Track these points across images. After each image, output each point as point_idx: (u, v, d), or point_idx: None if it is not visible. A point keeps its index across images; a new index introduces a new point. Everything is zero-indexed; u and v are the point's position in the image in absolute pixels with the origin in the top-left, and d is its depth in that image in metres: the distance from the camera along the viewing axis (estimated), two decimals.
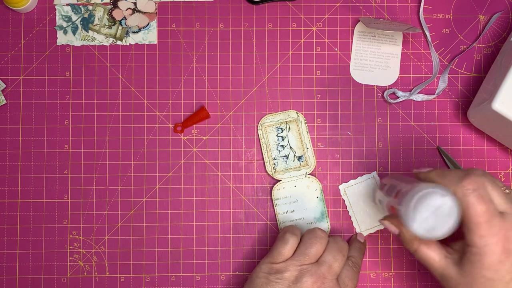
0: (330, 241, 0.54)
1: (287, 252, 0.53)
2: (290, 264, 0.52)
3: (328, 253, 0.53)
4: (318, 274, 0.51)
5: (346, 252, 0.55)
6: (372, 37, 0.64)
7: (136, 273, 0.61)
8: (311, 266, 0.52)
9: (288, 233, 0.54)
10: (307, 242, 0.53)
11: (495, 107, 0.54)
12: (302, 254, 0.53)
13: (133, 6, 0.64)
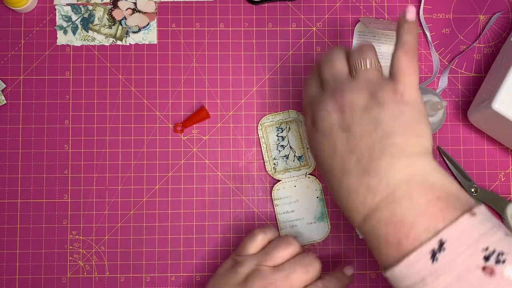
0: (300, 254, 0.52)
1: (251, 249, 0.53)
2: (249, 259, 0.51)
3: (290, 263, 0.51)
4: (270, 279, 0.49)
5: (313, 270, 0.51)
6: (372, 37, 0.64)
7: (136, 273, 0.61)
8: (267, 269, 0.50)
9: (258, 230, 0.54)
10: (274, 244, 0.52)
11: (495, 107, 0.54)
12: (264, 254, 0.51)
13: (133, 6, 0.64)
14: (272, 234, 0.54)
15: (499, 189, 0.62)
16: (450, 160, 0.62)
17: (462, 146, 0.63)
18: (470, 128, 0.63)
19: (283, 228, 0.61)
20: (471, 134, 0.63)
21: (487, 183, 0.62)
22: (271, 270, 0.50)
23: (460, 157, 0.63)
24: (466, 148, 0.63)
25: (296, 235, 0.61)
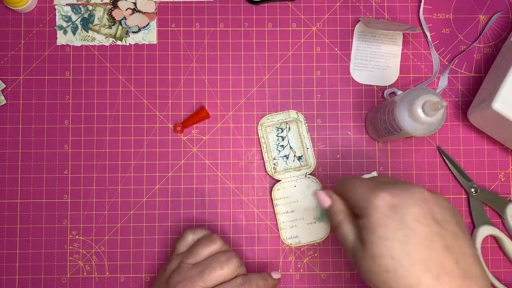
0: (220, 252, 0.53)
1: (181, 248, 0.54)
2: (175, 258, 0.53)
3: (207, 260, 0.52)
4: (187, 276, 0.50)
5: (229, 267, 0.51)
6: (372, 37, 0.64)
7: (136, 273, 0.61)
8: (186, 266, 0.52)
9: (189, 230, 0.55)
10: (197, 242, 0.54)
11: (495, 107, 0.54)
12: (187, 252, 0.53)
13: (133, 6, 0.64)
14: (200, 234, 0.56)
15: (499, 189, 0.62)
16: (450, 160, 0.62)
17: (462, 146, 0.63)
18: (470, 128, 0.63)
19: (283, 228, 0.61)
20: (471, 134, 0.63)
21: (487, 183, 0.62)
22: (189, 266, 0.51)
23: (460, 157, 0.63)
24: (466, 148, 0.63)
25: (296, 235, 0.61)
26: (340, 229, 0.46)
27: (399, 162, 0.62)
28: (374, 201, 0.42)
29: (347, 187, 0.46)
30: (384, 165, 0.62)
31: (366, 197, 0.43)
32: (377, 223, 0.41)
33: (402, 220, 0.41)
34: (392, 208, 0.41)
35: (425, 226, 0.41)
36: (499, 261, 0.62)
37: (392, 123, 0.53)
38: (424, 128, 0.52)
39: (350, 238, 0.45)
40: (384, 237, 0.41)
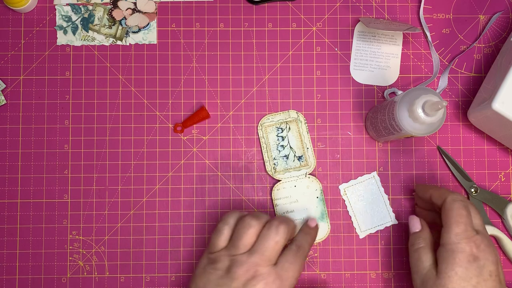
0: (265, 228, 0.53)
1: (221, 243, 0.53)
2: (223, 254, 0.52)
3: (260, 242, 0.52)
4: (249, 263, 0.51)
5: (282, 237, 0.52)
6: (372, 37, 0.64)
7: (136, 273, 0.61)
8: (242, 256, 0.51)
9: (221, 222, 0.54)
10: (237, 234, 0.53)
11: (495, 107, 0.54)
12: (233, 246, 0.52)
13: (133, 6, 0.64)
14: (234, 221, 0.54)
15: (499, 189, 0.62)
16: (450, 160, 0.62)
17: (462, 146, 0.63)
18: (470, 128, 0.63)
19: None
20: (471, 134, 0.63)
21: (487, 183, 0.62)
22: (246, 255, 0.51)
23: (460, 157, 0.63)
24: (466, 148, 0.63)
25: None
26: (419, 254, 0.53)
27: (399, 162, 0.63)
28: (464, 245, 0.49)
29: (455, 207, 0.51)
30: (384, 165, 0.63)
31: (460, 236, 0.50)
32: (459, 263, 0.49)
33: (479, 269, 0.49)
34: (475, 258, 0.49)
35: (493, 282, 0.49)
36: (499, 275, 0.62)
37: (392, 123, 0.53)
38: (424, 128, 0.52)
39: (425, 264, 0.52)
40: (462, 277, 0.49)
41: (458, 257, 0.49)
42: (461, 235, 0.50)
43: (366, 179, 0.62)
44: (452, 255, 0.49)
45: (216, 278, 0.51)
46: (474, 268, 0.49)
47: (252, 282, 0.50)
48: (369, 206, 0.62)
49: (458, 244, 0.50)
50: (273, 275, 0.51)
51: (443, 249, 0.50)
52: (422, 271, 0.52)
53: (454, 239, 0.50)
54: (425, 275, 0.51)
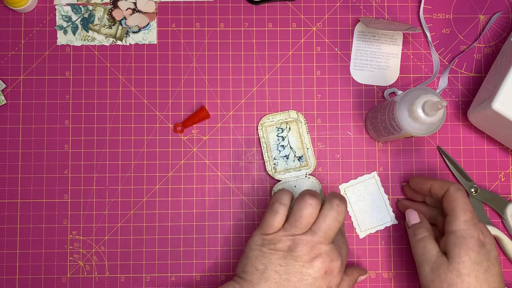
0: (325, 207, 0.53)
1: (277, 223, 0.53)
2: (282, 235, 0.52)
3: (323, 221, 0.52)
4: (313, 241, 0.51)
5: (342, 216, 0.53)
6: (372, 37, 0.64)
7: (136, 273, 0.61)
8: (305, 236, 0.51)
9: (277, 203, 0.53)
10: (297, 213, 0.52)
11: (495, 107, 0.54)
12: (293, 226, 0.52)
13: (133, 6, 0.64)
14: (288, 199, 0.54)
15: (499, 189, 0.62)
16: (450, 160, 0.62)
17: (462, 146, 0.63)
18: (470, 128, 0.63)
19: None
20: (471, 134, 0.63)
21: (487, 183, 0.62)
22: (309, 235, 0.51)
23: (460, 157, 0.63)
24: (466, 148, 0.63)
25: None
26: (424, 243, 0.54)
27: (399, 162, 0.63)
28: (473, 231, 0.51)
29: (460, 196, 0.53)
30: (384, 165, 0.63)
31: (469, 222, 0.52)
32: (472, 248, 0.51)
33: (488, 254, 0.51)
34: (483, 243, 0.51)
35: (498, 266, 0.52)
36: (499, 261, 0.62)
37: (392, 123, 0.53)
38: (424, 128, 0.52)
39: (433, 252, 0.53)
40: (475, 261, 0.50)
41: (471, 242, 0.51)
42: (469, 222, 0.52)
43: (366, 179, 0.62)
44: (464, 241, 0.51)
45: (278, 258, 0.51)
46: (484, 253, 0.51)
47: (317, 260, 0.51)
48: (369, 206, 0.62)
49: (468, 230, 0.51)
50: (335, 252, 0.52)
51: (453, 236, 0.52)
52: (431, 259, 0.52)
53: (463, 225, 0.52)
54: (434, 262, 0.52)
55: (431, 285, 0.52)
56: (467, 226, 0.52)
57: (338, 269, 0.52)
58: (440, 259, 0.52)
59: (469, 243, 0.51)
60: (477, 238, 0.51)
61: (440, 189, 0.55)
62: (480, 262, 0.50)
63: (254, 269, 0.51)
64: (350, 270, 0.58)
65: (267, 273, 0.51)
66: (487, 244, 0.52)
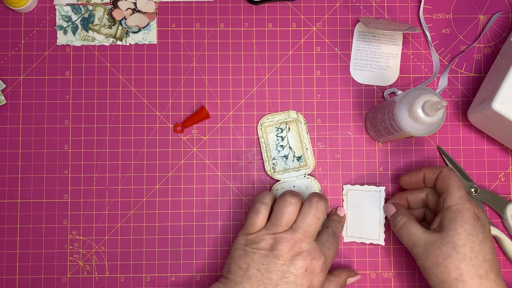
0: (305, 205, 0.54)
1: (259, 223, 0.54)
2: (264, 234, 0.53)
3: (302, 219, 0.53)
4: (294, 239, 0.52)
5: (322, 213, 0.54)
6: (372, 37, 0.64)
7: (136, 273, 0.61)
8: (286, 233, 0.52)
9: (258, 203, 0.55)
10: (278, 212, 0.53)
11: (495, 107, 0.54)
12: (274, 224, 0.53)
13: (133, 6, 0.64)
14: (270, 199, 0.55)
15: (499, 189, 0.62)
16: (450, 160, 0.62)
17: (462, 146, 0.63)
18: (470, 128, 0.63)
19: None
20: (471, 134, 0.63)
21: (487, 183, 0.62)
22: (290, 232, 0.53)
23: (460, 157, 0.63)
24: (466, 148, 0.63)
25: None
26: (407, 228, 0.54)
27: (399, 162, 0.62)
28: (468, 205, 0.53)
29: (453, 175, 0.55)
30: (384, 165, 0.62)
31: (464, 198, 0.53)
32: (467, 220, 0.51)
33: (483, 227, 0.52)
34: (478, 217, 0.52)
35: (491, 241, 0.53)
36: (499, 261, 0.62)
37: (392, 123, 0.53)
38: (424, 128, 0.52)
39: (419, 233, 0.53)
40: (470, 233, 0.51)
41: (466, 215, 0.52)
42: (464, 198, 0.53)
43: (372, 190, 0.61)
44: (460, 214, 0.52)
45: (260, 257, 0.52)
46: (479, 226, 0.52)
47: (298, 258, 0.52)
48: (364, 216, 0.61)
49: (463, 205, 0.52)
50: (317, 250, 0.53)
51: (449, 211, 0.53)
52: (420, 240, 0.53)
53: (459, 200, 0.53)
54: (424, 241, 0.53)
55: (427, 263, 0.52)
56: (462, 201, 0.53)
57: (320, 267, 0.53)
58: (429, 237, 0.52)
59: (464, 216, 0.52)
60: (472, 212, 0.52)
61: (434, 173, 0.56)
62: (475, 234, 0.51)
63: (237, 268, 0.53)
64: (338, 271, 0.59)
65: (250, 272, 0.52)
66: (481, 218, 0.53)
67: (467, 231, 0.51)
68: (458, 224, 0.51)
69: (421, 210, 0.59)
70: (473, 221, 0.52)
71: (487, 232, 0.52)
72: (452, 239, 0.51)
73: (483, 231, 0.52)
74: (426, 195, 0.58)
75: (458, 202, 0.53)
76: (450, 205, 0.53)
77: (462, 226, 0.51)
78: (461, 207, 0.52)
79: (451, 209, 0.53)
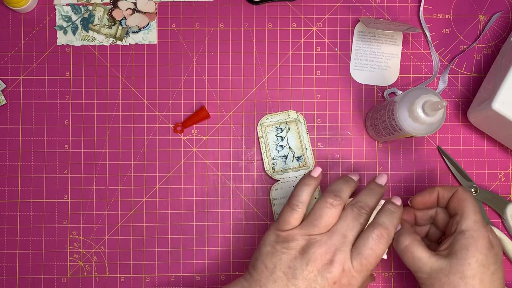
0: (347, 208, 0.50)
1: (294, 221, 0.50)
2: (297, 233, 0.49)
3: (343, 222, 0.49)
4: (328, 244, 0.48)
5: (365, 218, 0.49)
6: (372, 37, 0.64)
7: (136, 273, 0.61)
8: (321, 236, 0.48)
9: (294, 199, 0.50)
10: (317, 212, 0.49)
11: (495, 107, 0.54)
12: (310, 224, 0.49)
13: (133, 6, 0.64)
14: (307, 196, 0.51)
15: (499, 189, 0.62)
16: (450, 160, 0.62)
17: (462, 146, 0.63)
18: (470, 128, 0.63)
19: None
20: (471, 134, 0.63)
21: (487, 183, 0.62)
22: (326, 236, 0.48)
23: (460, 157, 0.63)
24: (466, 148, 0.63)
25: None
26: (412, 252, 0.50)
27: (399, 162, 0.62)
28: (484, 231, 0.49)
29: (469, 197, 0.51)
30: (384, 165, 0.62)
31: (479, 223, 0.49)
32: (480, 250, 0.48)
33: (496, 257, 0.49)
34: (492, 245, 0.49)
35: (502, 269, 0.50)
36: None
37: (392, 123, 0.53)
38: (424, 128, 0.52)
39: (424, 259, 0.49)
40: (482, 264, 0.48)
41: (480, 243, 0.48)
42: (480, 223, 0.49)
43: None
44: (474, 241, 0.48)
45: (288, 259, 0.48)
46: (492, 255, 0.48)
47: (328, 268, 0.47)
48: None
49: (478, 231, 0.49)
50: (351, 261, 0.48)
51: (462, 236, 0.49)
52: (425, 266, 0.49)
53: (474, 226, 0.49)
54: (431, 268, 0.49)
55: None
56: (477, 227, 0.49)
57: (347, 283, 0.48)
58: (436, 263, 0.49)
59: (478, 244, 0.48)
60: (487, 240, 0.49)
61: (448, 192, 0.53)
62: (487, 265, 0.48)
63: (263, 267, 0.49)
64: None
65: (276, 274, 0.48)
66: (495, 246, 0.49)
67: (479, 262, 0.48)
68: (470, 253, 0.48)
69: (426, 227, 0.56)
70: (486, 251, 0.48)
71: (500, 262, 0.49)
72: (461, 268, 0.47)
73: (496, 261, 0.48)
74: (436, 212, 0.55)
75: (473, 227, 0.49)
76: (463, 230, 0.49)
77: (474, 255, 0.48)
78: (475, 233, 0.49)
79: (465, 235, 0.49)
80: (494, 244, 0.49)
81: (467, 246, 0.48)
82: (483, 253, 0.48)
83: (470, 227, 0.49)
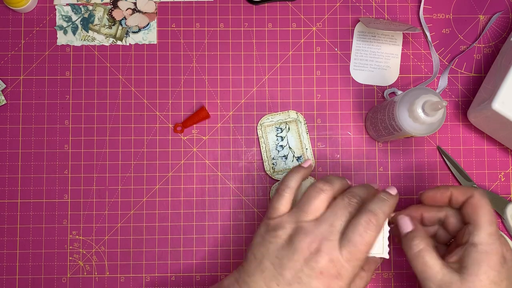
0: (338, 197, 0.49)
1: (282, 207, 0.49)
2: (286, 220, 0.48)
3: (331, 210, 0.47)
4: (315, 233, 0.46)
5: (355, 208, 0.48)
6: (372, 37, 0.64)
7: (136, 273, 0.61)
8: (308, 224, 0.47)
9: (282, 185, 0.49)
10: (306, 197, 0.48)
11: (495, 107, 0.54)
12: (299, 210, 0.48)
13: (133, 6, 0.64)
14: (295, 182, 0.50)
15: (499, 189, 0.62)
16: (450, 160, 0.62)
17: (462, 146, 0.63)
18: (470, 128, 0.63)
19: None
20: (471, 134, 0.63)
21: (487, 183, 0.62)
22: (313, 223, 0.47)
23: (460, 157, 0.63)
24: (466, 148, 0.63)
25: None
26: (423, 258, 0.47)
27: (399, 162, 0.63)
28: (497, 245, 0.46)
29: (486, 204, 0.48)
30: (384, 165, 0.62)
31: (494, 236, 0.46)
32: (493, 266, 0.45)
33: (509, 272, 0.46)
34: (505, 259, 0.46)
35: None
36: None
37: (392, 123, 0.53)
38: (424, 128, 0.52)
39: (436, 268, 0.46)
40: (493, 281, 0.45)
41: (493, 259, 0.46)
42: (494, 236, 0.47)
43: None
44: (487, 257, 0.46)
45: (276, 248, 0.47)
46: (505, 271, 0.46)
47: (314, 257, 0.45)
48: None
49: (492, 245, 0.46)
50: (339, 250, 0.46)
51: (474, 249, 0.46)
52: (436, 276, 0.46)
53: (488, 239, 0.46)
54: (441, 279, 0.46)
55: None
56: (491, 240, 0.46)
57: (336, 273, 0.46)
58: (447, 276, 0.46)
59: (491, 260, 0.46)
60: (500, 255, 0.46)
61: (463, 195, 0.49)
62: (499, 282, 0.45)
63: (253, 257, 0.48)
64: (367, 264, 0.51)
65: (263, 264, 0.47)
66: (508, 261, 0.47)
67: (491, 279, 0.45)
68: (482, 270, 0.45)
69: (434, 228, 0.54)
70: (499, 267, 0.46)
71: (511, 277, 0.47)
72: (472, 284, 0.45)
73: (508, 277, 0.46)
74: (445, 215, 0.52)
75: (487, 241, 0.46)
76: (476, 243, 0.46)
77: (486, 272, 0.45)
78: (489, 248, 0.46)
79: (477, 249, 0.46)
80: (507, 259, 0.46)
81: (479, 262, 0.46)
82: (496, 270, 0.46)
83: (484, 240, 0.46)
